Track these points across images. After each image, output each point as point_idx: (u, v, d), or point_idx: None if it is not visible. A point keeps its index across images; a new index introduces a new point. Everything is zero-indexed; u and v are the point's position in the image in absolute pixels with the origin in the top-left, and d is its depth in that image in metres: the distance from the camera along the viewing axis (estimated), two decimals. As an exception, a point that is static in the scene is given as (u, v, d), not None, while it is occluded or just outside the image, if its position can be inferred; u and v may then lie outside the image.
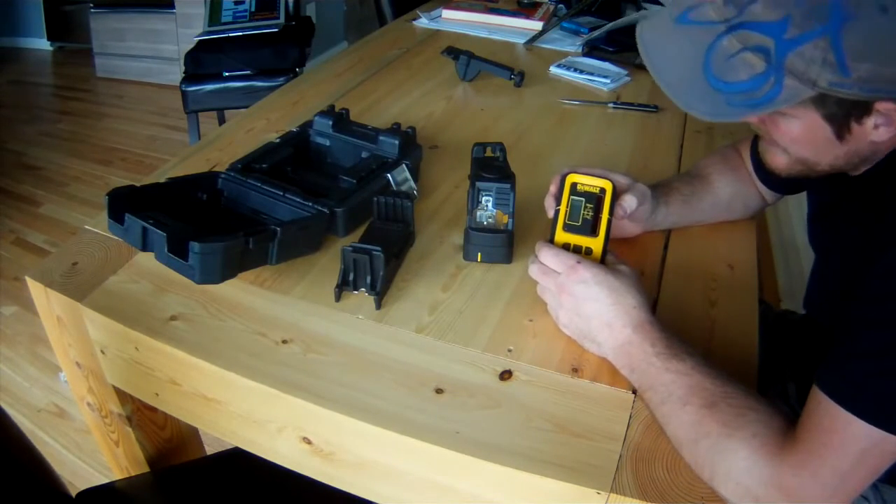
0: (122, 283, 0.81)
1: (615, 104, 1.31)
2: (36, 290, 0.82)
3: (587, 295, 0.69)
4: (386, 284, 0.79)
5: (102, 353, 0.81)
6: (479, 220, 0.84)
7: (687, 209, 0.91)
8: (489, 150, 0.93)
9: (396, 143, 0.96)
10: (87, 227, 0.90)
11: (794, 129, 0.65)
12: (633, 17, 1.63)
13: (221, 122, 2.52)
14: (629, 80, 1.42)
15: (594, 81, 1.40)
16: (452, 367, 0.71)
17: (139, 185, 0.83)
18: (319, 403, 0.66)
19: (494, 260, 0.85)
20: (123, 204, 0.77)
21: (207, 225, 0.81)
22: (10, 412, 0.75)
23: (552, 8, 1.79)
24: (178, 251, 0.70)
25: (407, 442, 0.63)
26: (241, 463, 0.92)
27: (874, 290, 0.58)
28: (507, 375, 0.70)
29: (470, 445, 0.62)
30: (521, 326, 0.76)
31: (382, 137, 0.97)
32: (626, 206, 0.80)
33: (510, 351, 0.72)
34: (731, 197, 0.93)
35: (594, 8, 1.75)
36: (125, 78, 3.63)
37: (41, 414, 1.69)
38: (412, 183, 0.96)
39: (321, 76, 1.43)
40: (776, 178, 0.76)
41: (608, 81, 1.39)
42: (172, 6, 3.32)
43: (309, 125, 1.04)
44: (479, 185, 0.83)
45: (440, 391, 0.68)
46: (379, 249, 0.76)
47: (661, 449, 0.63)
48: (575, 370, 0.70)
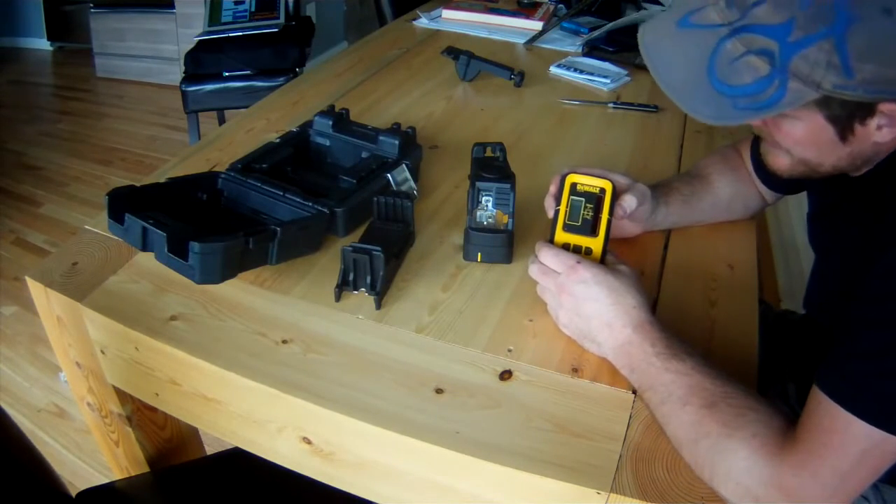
0: (122, 283, 0.81)
1: (615, 104, 1.31)
2: (36, 290, 0.82)
3: (587, 295, 0.69)
4: (386, 284, 0.79)
5: (102, 353, 0.81)
6: (479, 220, 0.84)
7: (687, 209, 0.91)
8: (489, 150, 0.93)
9: (396, 143, 0.96)
10: (87, 227, 0.90)
11: (797, 130, 0.65)
12: (633, 17, 1.63)
13: (221, 122, 2.52)
14: (629, 80, 1.42)
15: (594, 81, 1.40)
16: (452, 367, 0.71)
17: (139, 185, 0.83)
18: (319, 403, 0.66)
19: (494, 260, 0.85)
20: (123, 204, 0.77)
21: (207, 225, 0.81)
22: (10, 412, 0.75)
23: (552, 8, 1.79)
24: (178, 251, 0.70)
25: (407, 442, 0.63)
26: (241, 463, 0.92)
27: (874, 290, 0.58)
28: (507, 375, 0.70)
29: (470, 445, 0.62)
30: (521, 326, 0.76)
31: (382, 137, 0.97)
32: (625, 206, 0.80)
33: (510, 351, 0.72)
34: (731, 197, 0.93)
35: (594, 8, 1.75)
36: (125, 78, 3.63)
37: (41, 414, 1.69)
38: (412, 183, 0.96)
39: (321, 76, 1.43)
40: (776, 178, 0.76)
41: (608, 81, 1.39)
42: (172, 6, 3.32)
43: (309, 125, 1.04)
44: (479, 185, 0.83)
45: (440, 391, 0.68)
46: (379, 249, 0.76)
47: (661, 449, 0.62)
48: (575, 370, 0.70)
